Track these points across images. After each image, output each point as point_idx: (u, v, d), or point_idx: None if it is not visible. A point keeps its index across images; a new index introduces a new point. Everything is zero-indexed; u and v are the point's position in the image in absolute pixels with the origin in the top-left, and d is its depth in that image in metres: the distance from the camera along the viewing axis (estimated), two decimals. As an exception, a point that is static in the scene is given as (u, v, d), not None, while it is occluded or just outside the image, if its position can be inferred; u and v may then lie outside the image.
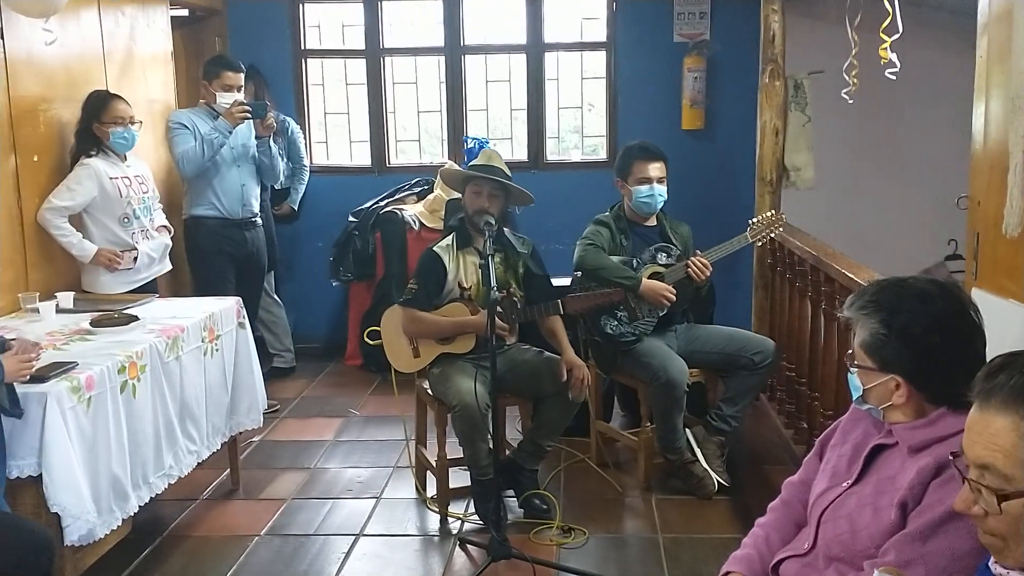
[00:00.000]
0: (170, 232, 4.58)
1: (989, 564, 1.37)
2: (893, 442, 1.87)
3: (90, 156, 4.13)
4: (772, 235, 4.22)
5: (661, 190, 4.13)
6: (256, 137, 4.98)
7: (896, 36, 3.33)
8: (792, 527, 2.08)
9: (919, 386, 1.80)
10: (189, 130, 4.75)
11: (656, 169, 4.11)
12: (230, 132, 4.76)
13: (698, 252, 4.08)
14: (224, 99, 4.82)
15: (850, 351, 1.93)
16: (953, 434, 1.70)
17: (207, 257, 4.97)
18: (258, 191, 5.17)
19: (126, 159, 4.28)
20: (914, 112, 5.99)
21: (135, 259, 4.27)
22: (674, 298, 3.99)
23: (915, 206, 5.96)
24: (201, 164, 4.75)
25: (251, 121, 4.86)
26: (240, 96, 4.88)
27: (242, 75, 4.94)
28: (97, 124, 4.15)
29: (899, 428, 1.85)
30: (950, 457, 1.44)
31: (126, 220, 4.23)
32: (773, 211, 4.37)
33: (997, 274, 2.25)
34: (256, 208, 5.13)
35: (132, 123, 4.22)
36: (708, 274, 4.03)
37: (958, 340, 1.79)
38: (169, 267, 4.60)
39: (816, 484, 2.01)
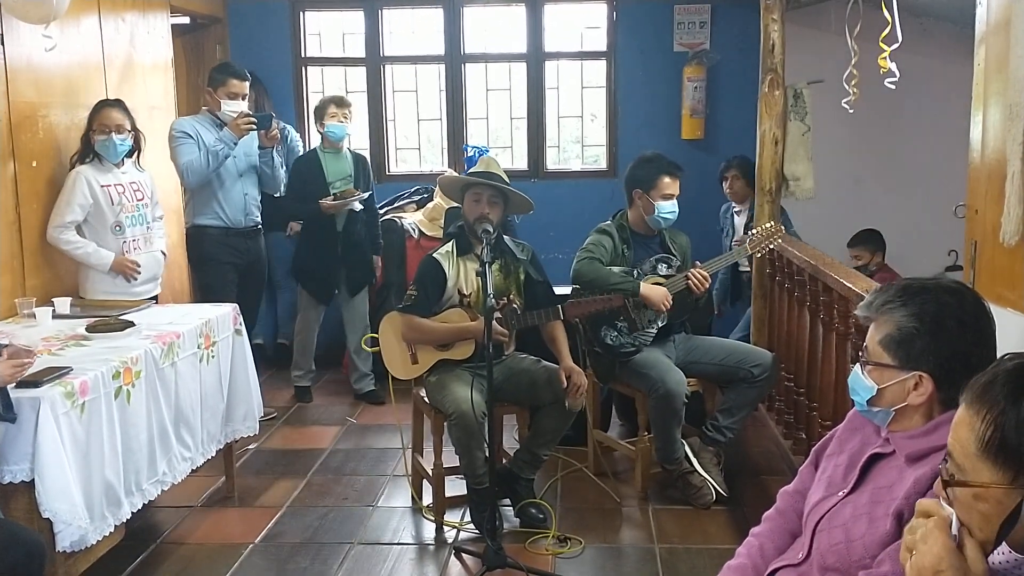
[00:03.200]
0: (164, 257, 4.51)
1: None
2: (890, 451, 1.85)
3: (84, 163, 4.12)
4: (771, 246, 4.21)
5: (677, 206, 4.14)
6: (259, 147, 4.98)
7: (896, 46, 3.33)
8: (787, 536, 2.06)
9: (943, 384, 1.76)
10: (193, 139, 4.73)
11: (677, 186, 4.12)
12: (235, 143, 4.76)
13: (698, 263, 4.07)
14: (229, 107, 4.81)
15: (861, 351, 1.90)
16: (951, 443, 1.69)
17: (211, 266, 4.97)
18: (259, 200, 5.17)
19: (123, 165, 4.26)
20: (915, 122, 5.99)
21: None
22: (670, 303, 3.98)
23: (915, 217, 5.96)
24: (206, 175, 4.76)
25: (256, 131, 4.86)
26: (245, 104, 4.89)
27: (247, 83, 4.95)
28: (91, 132, 4.14)
29: (897, 436, 1.83)
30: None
31: (118, 228, 4.20)
32: (772, 223, 4.37)
33: (995, 283, 2.24)
34: (258, 217, 5.14)
35: (119, 132, 4.15)
36: (707, 286, 4.03)
37: (985, 340, 1.78)
38: (159, 290, 4.50)
39: (811, 494, 2.00)
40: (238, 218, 4.97)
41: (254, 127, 4.79)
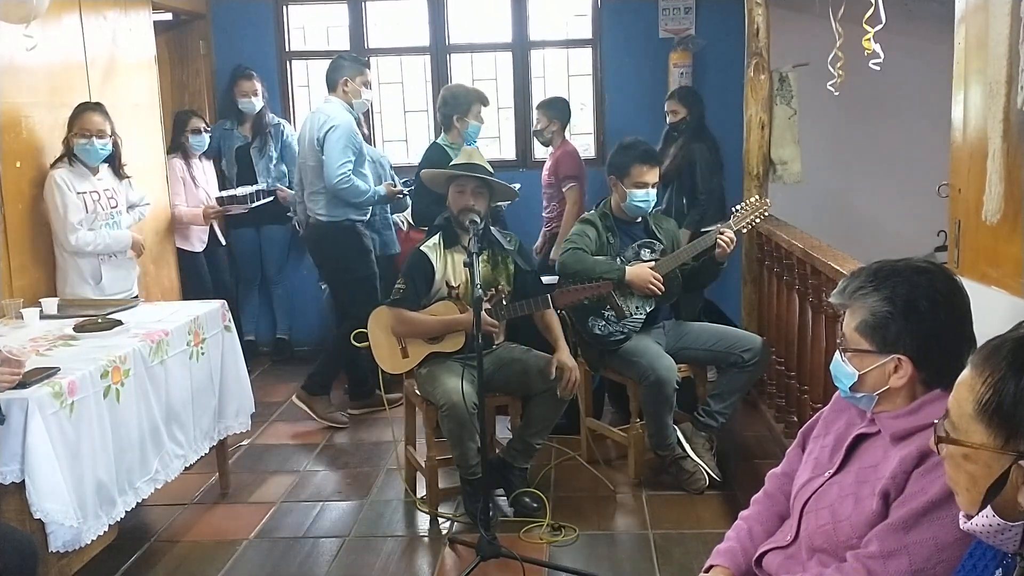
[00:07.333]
0: (140, 251, 4.47)
1: (959, 519, 1.40)
2: (875, 431, 1.85)
3: (57, 168, 4.08)
4: (758, 220, 4.19)
5: (654, 194, 4.13)
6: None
7: (879, 27, 3.31)
8: (775, 519, 2.06)
9: (922, 364, 1.77)
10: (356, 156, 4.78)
11: (654, 175, 4.10)
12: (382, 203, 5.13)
13: (721, 228, 4.05)
14: (367, 95, 4.92)
15: (839, 338, 1.91)
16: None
17: (366, 257, 4.97)
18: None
19: (97, 172, 4.22)
20: (902, 103, 5.98)
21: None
22: (662, 286, 3.97)
23: (903, 198, 5.95)
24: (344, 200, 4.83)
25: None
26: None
27: None
28: (70, 135, 4.11)
29: (883, 416, 1.83)
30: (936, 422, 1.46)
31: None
32: (758, 196, 4.36)
33: (979, 261, 2.25)
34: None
35: (100, 137, 4.12)
36: (734, 247, 4.03)
37: (959, 317, 1.78)
38: (136, 293, 4.44)
39: (799, 475, 2.00)
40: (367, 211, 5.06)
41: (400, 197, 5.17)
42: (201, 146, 5.55)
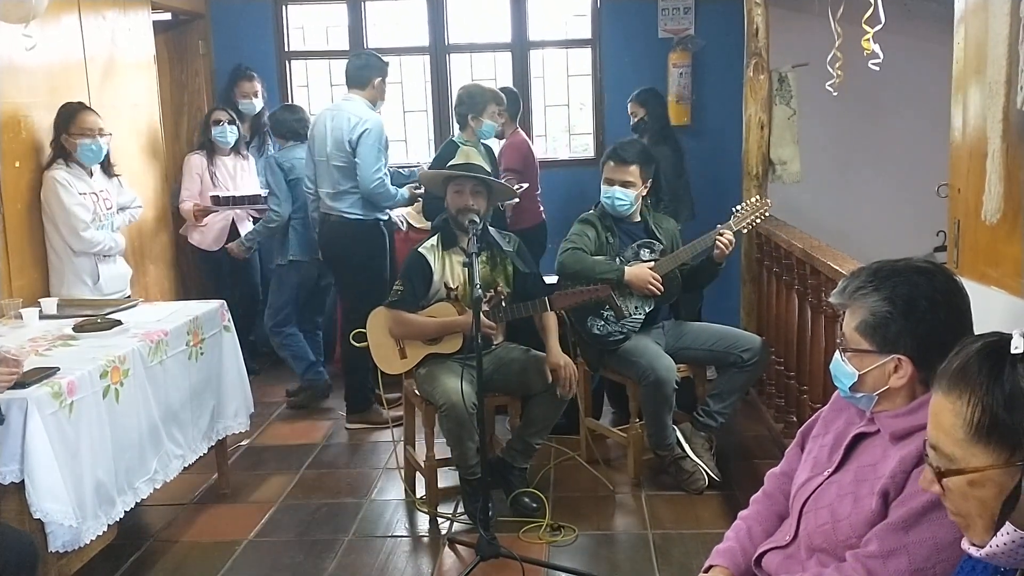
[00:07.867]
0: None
1: (962, 545, 1.37)
2: (875, 430, 1.86)
3: (54, 168, 4.07)
4: (758, 221, 4.18)
5: (623, 194, 4.05)
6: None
7: (878, 27, 3.31)
8: (775, 519, 2.06)
9: (922, 364, 1.77)
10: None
11: (623, 173, 4.05)
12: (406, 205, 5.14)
13: (721, 229, 4.04)
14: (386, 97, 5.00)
15: (839, 338, 1.90)
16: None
17: (386, 256, 4.98)
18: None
19: (92, 174, 4.21)
20: (901, 103, 5.98)
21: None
22: (661, 286, 3.97)
23: (903, 198, 5.95)
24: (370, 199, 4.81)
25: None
26: None
27: None
28: (66, 136, 4.09)
29: (882, 416, 1.84)
30: (925, 439, 1.45)
31: None
32: (758, 196, 4.35)
33: (978, 261, 2.24)
34: None
35: (101, 135, 4.13)
36: (732, 248, 4.03)
37: (958, 317, 1.78)
38: (128, 294, 4.43)
39: (798, 475, 2.00)
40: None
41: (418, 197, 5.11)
42: (224, 139, 5.38)
